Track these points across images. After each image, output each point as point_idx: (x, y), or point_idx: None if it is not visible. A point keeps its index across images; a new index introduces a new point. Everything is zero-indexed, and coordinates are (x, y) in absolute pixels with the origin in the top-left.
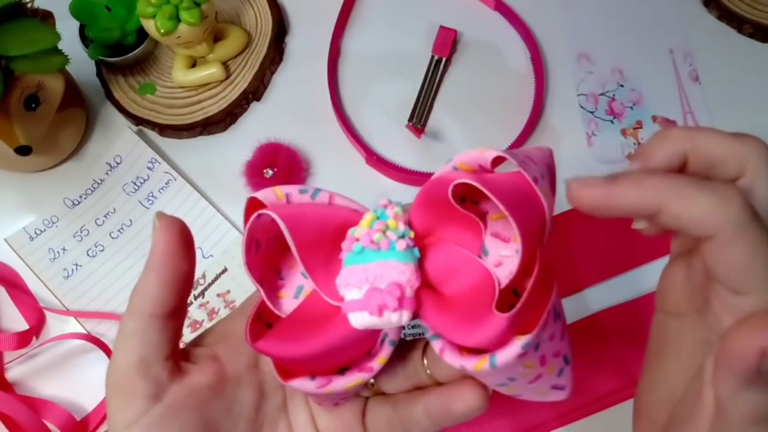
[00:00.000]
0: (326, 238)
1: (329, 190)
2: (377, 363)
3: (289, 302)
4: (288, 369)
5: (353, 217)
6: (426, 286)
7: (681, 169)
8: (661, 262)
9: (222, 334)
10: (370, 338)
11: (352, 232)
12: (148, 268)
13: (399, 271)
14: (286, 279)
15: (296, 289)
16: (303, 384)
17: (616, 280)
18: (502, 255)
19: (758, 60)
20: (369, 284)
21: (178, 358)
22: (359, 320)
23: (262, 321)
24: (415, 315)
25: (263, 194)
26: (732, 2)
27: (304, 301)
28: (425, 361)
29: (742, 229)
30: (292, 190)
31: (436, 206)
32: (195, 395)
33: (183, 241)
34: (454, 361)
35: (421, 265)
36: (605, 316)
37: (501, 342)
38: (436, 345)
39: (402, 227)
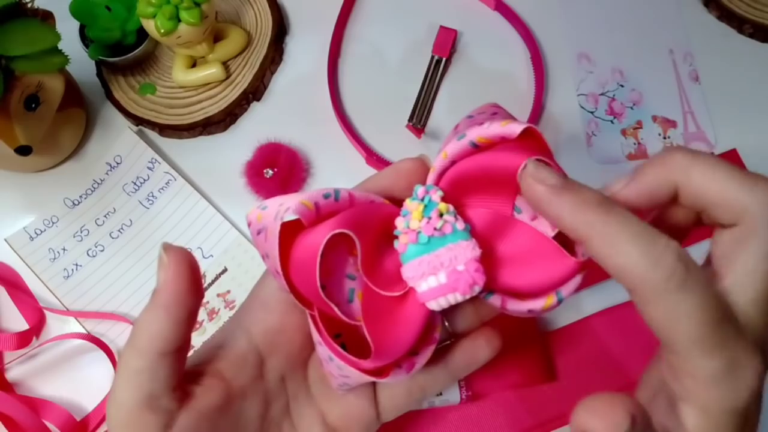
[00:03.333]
0: (371, 237)
1: (347, 188)
2: (437, 332)
3: (350, 309)
4: (382, 368)
5: (389, 210)
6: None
7: (672, 199)
8: None
9: (221, 348)
10: (433, 318)
11: (405, 225)
12: (156, 305)
13: (470, 248)
14: (327, 287)
15: (348, 293)
16: (396, 376)
17: (610, 282)
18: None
19: (758, 60)
20: (445, 269)
21: (184, 383)
22: (442, 303)
23: (332, 336)
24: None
25: (296, 211)
26: (732, 2)
27: (363, 302)
28: (446, 323)
29: (663, 292)
30: (317, 196)
31: (470, 181)
32: (204, 418)
33: (192, 277)
34: (520, 306)
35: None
36: (599, 318)
37: (567, 280)
38: (496, 299)
39: (451, 208)
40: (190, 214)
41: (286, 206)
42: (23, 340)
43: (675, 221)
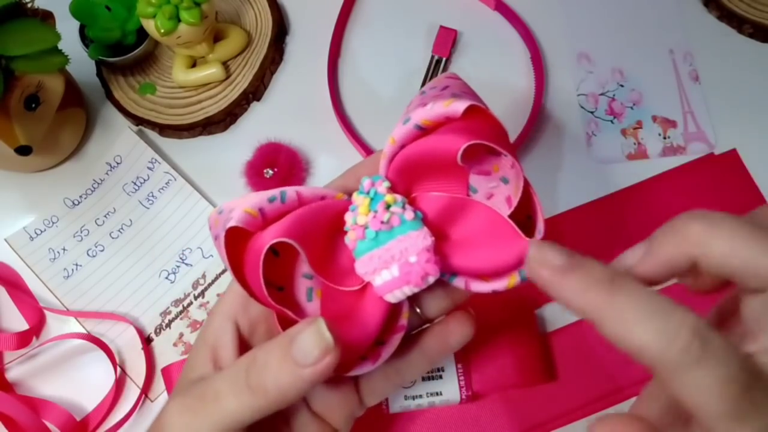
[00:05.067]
0: (322, 236)
1: (294, 187)
2: (404, 320)
3: (308, 307)
4: (345, 364)
5: (340, 205)
6: (436, 237)
7: (692, 267)
8: None
9: (217, 349)
10: (398, 305)
11: (353, 221)
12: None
13: (420, 238)
14: (286, 288)
15: (306, 293)
16: (362, 368)
17: None
18: (491, 187)
19: (758, 60)
20: (396, 262)
21: None
22: (398, 295)
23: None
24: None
25: (239, 220)
26: (732, 2)
27: (323, 300)
28: (417, 309)
29: (681, 368)
30: (262, 202)
31: (417, 167)
32: None
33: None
34: (483, 287)
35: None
36: None
37: (525, 259)
38: (460, 282)
39: (399, 198)
40: (190, 214)
41: (232, 215)
42: (23, 340)
43: (700, 286)
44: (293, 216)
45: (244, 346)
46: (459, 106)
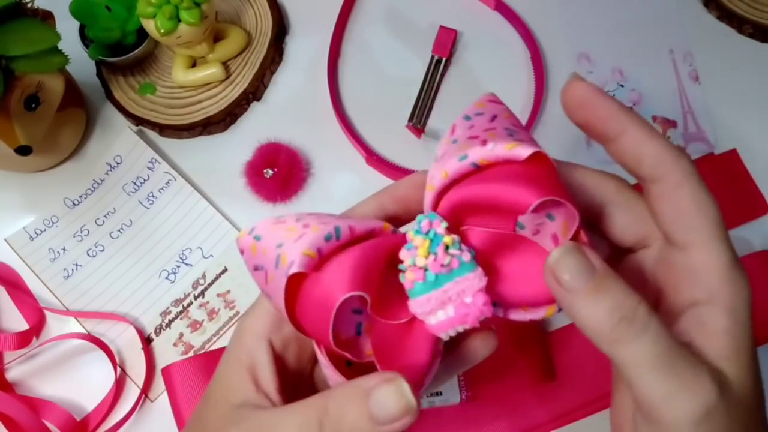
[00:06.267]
0: (378, 273)
1: (345, 220)
2: (440, 345)
3: (359, 342)
4: None
5: (393, 241)
6: (485, 272)
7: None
8: None
9: (253, 370)
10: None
11: (411, 262)
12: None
13: (476, 279)
14: (336, 325)
15: (355, 328)
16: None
17: None
18: (537, 224)
19: (758, 60)
20: (453, 303)
21: None
22: (451, 333)
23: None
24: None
25: (301, 265)
26: (732, 2)
27: (373, 337)
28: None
29: (690, 176)
30: (319, 241)
31: (473, 206)
32: None
33: None
34: (522, 316)
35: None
36: None
37: None
38: (499, 311)
39: (456, 239)
40: (190, 214)
41: (288, 258)
42: (23, 340)
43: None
44: (354, 261)
45: (279, 364)
46: (522, 152)
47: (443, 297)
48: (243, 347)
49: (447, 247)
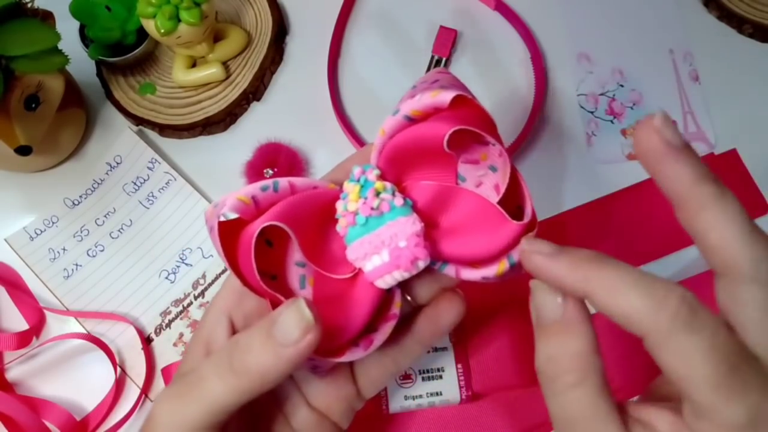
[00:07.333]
0: (314, 223)
1: (287, 177)
2: (396, 308)
3: (301, 294)
4: (336, 348)
5: (332, 194)
6: (426, 225)
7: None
8: (651, 267)
9: (209, 344)
10: (390, 295)
11: (344, 208)
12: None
13: (410, 223)
14: (279, 277)
15: (299, 280)
16: (354, 354)
17: None
18: (479, 176)
19: (758, 60)
20: (387, 247)
21: None
22: (389, 281)
23: None
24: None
25: (232, 207)
26: (732, 2)
27: (315, 287)
28: (408, 298)
29: (670, 334)
30: (254, 190)
31: (406, 155)
32: None
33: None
34: (473, 274)
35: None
36: (598, 319)
37: (514, 244)
38: (450, 270)
39: (388, 185)
40: (190, 214)
41: (223, 204)
42: (23, 340)
43: None
44: (285, 202)
45: None
46: (446, 96)
47: (376, 241)
48: (204, 323)
49: (378, 193)
